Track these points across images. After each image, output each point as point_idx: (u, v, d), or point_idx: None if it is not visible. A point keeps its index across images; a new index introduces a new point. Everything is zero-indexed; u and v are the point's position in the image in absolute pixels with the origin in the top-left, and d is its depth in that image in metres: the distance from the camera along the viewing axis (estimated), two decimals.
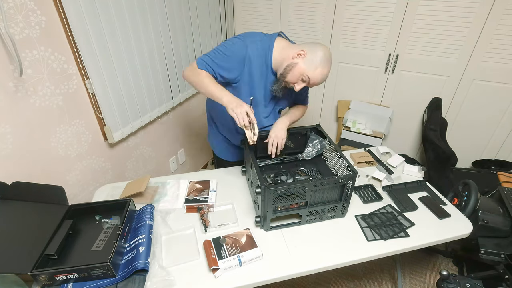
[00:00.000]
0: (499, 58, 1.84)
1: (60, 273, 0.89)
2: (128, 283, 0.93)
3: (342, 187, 1.12)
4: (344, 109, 2.38)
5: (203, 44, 2.19)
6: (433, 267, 1.86)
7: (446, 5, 1.83)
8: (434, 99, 2.06)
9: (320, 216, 1.19)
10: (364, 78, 2.28)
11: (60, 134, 1.35)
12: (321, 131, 1.39)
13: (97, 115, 1.51)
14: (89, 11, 1.31)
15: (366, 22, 2.07)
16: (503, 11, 1.72)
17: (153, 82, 1.79)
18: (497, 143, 2.10)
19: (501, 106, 1.97)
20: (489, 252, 1.38)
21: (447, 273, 1.12)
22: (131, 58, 1.60)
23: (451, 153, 1.85)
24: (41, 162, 1.29)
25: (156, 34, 1.72)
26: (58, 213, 1.09)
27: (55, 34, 1.23)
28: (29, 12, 1.12)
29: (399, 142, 2.42)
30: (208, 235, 1.13)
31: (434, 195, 1.36)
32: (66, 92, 1.33)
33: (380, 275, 1.82)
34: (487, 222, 1.36)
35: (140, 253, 0.98)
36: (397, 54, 2.08)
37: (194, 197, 1.29)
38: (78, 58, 1.34)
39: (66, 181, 1.43)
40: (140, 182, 1.33)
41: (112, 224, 1.10)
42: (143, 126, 1.84)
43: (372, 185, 1.40)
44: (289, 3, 2.21)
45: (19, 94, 1.15)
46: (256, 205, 1.21)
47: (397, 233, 1.14)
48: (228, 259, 1.00)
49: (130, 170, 1.85)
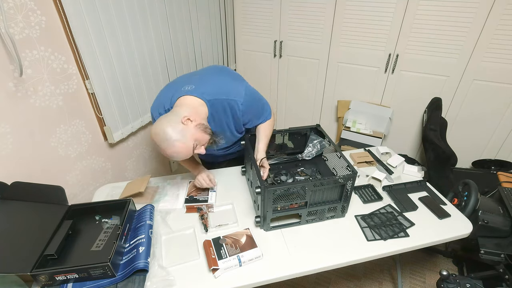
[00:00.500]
0: (499, 58, 1.84)
1: (60, 273, 0.89)
2: (128, 283, 0.93)
3: (342, 187, 1.12)
4: (344, 109, 2.38)
5: (203, 44, 2.19)
6: (433, 267, 1.86)
7: (446, 5, 1.83)
8: (434, 99, 2.06)
9: (320, 216, 1.19)
10: (364, 78, 2.28)
11: (60, 134, 1.35)
12: (321, 131, 1.39)
13: (97, 115, 1.51)
14: (89, 11, 1.31)
15: (366, 22, 2.07)
16: (503, 11, 1.72)
17: (153, 82, 1.79)
18: (497, 143, 2.10)
19: (501, 106, 1.97)
20: (489, 252, 1.38)
21: (447, 273, 1.12)
22: (131, 58, 1.60)
23: (451, 153, 1.85)
24: (41, 162, 1.29)
25: (156, 34, 1.73)
26: (58, 213, 1.09)
27: (55, 34, 1.23)
28: (29, 12, 1.12)
29: (399, 142, 2.42)
30: (208, 235, 1.13)
31: (434, 195, 1.36)
32: (66, 92, 1.33)
33: (380, 275, 1.82)
34: (487, 222, 1.36)
35: (140, 253, 0.98)
36: (397, 54, 2.08)
37: (194, 197, 1.29)
38: (78, 58, 1.34)
39: (66, 181, 1.43)
40: (140, 182, 1.33)
41: (112, 224, 1.10)
42: (143, 126, 1.84)
43: (372, 185, 1.40)
44: (289, 3, 2.21)
45: (19, 94, 1.15)
46: (256, 205, 1.21)
47: (397, 233, 1.14)
48: (228, 259, 1.00)
49: (130, 170, 1.85)
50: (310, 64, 2.39)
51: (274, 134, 1.38)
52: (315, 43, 2.29)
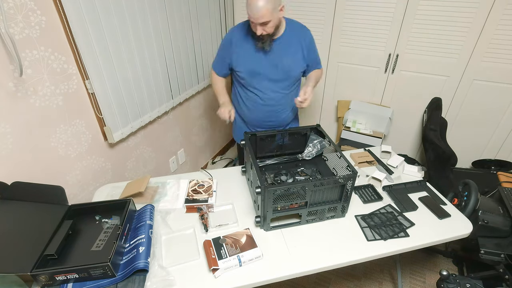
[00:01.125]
0: (499, 58, 1.84)
1: (60, 273, 0.89)
2: (128, 283, 0.93)
3: (342, 187, 1.12)
4: (344, 109, 2.38)
5: (203, 44, 2.19)
6: (433, 267, 1.86)
7: (446, 5, 1.83)
8: (434, 99, 2.06)
9: (320, 216, 1.19)
10: (364, 78, 2.28)
11: (60, 134, 1.35)
12: (321, 131, 1.39)
13: (97, 115, 1.51)
14: (89, 11, 1.31)
15: (366, 22, 2.07)
16: (503, 11, 1.72)
17: (153, 82, 1.79)
18: (497, 143, 2.10)
19: (501, 106, 1.97)
20: (489, 252, 1.38)
21: (447, 273, 1.12)
22: (131, 58, 1.60)
23: (451, 153, 1.85)
24: (41, 162, 1.29)
25: (156, 34, 1.72)
26: (58, 213, 1.09)
27: (55, 34, 1.23)
28: (29, 12, 1.12)
29: (399, 142, 2.42)
30: (208, 235, 1.13)
31: (434, 195, 1.36)
32: (66, 92, 1.33)
33: (380, 275, 1.82)
34: (487, 222, 1.36)
35: (140, 253, 0.98)
36: (397, 54, 2.08)
37: (194, 197, 1.29)
38: (78, 58, 1.34)
39: (66, 181, 1.43)
40: (140, 182, 1.33)
41: (112, 224, 1.10)
42: (143, 126, 1.84)
43: (372, 185, 1.40)
44: (289, 3, 2.21)
45: (19, 94, 1.15)
46: (256, 205, 1.21)
47: (397, 233, 1.14)
48: (228, 259, 1.00)
49: (130, 170, 1.85)
50: None
51: (274, 134, 1.38)
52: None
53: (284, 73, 1.44)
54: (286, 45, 1.42)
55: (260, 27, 1.28)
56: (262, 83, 1.46)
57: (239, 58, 1.45)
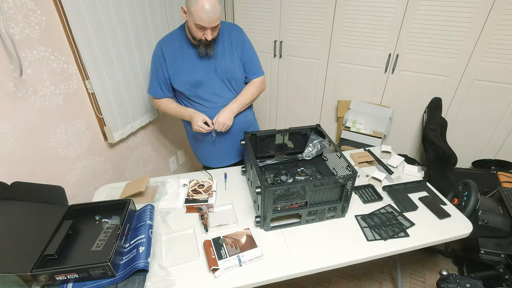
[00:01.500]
0: (499, 58, 1.84)
1: (60, 273, 0.89)
2: (128, 283, 0.93)
3: (342, 187, 1.12)
4: (344, 109, 2.38)
5: None
6: (433, 267, 1.86)
7: (446, 5, 1.82)
8: (434, 99, 2.06)
9: (320, 216, 1.19)
10: (364, 78, 2.28)
11: (60, 134, 1.35)
12: (321, 131, 1.39)
13: (97, 115, 1.51)
14: (89, 11, 1.31)
15: (366, 22, 2.06)
16: (503, 11, 1.72)
17: None
18: (497, 143, 2.10)
19: (501, 106, 1.97)
20: (489, 252, 1.38)
21: (447, 273, 1.12)
22: (131, 58, 1.60)
23: (451, 153, 1.85)
24: (41, 162, 1.29)
25: (156, 34, 1.72)
26: (58, 213, 1.09)
27: (55, 34, 1.23)
28: (29, 12, 1.12)
29: (399, 142, 2.42)
30: (208, 235, 1.13)
31: (434, 195, 1.36)
32: (66, 92, 1.33)
33: (380, 275, 1.82)
34: (487, 222, 1.36)
35: (140, 253, 0.98)
36: (397, 54, 2.08)
37: (194, 197, 1.29)
38: (78, 58, 1.34)
39: (66, 181, 1.43)
40: (140, 182, 1.33)
41: (112, 224, 1.10)
42: (143, 126, 1.84)
43: (372, 185, 1.40)
44: (289, 3, 2.21)
45: (19, 94, 1.15)
46: (256, 205, 1.21)
47: (397, 233, 1.14)
48: (228, 259, 1.00)
49: (130, 170, 1.85)
50: (310, 64, 2.39)
51: (274, 134, 1.38)
52: (315, 43, 2.29)
53: (230, 74, 1.38)
54: (222, 46, 1.35)
55: (211, 31, 1.22)
56: (209, 90, 1.39)
57: (180, 71, 1.34)
